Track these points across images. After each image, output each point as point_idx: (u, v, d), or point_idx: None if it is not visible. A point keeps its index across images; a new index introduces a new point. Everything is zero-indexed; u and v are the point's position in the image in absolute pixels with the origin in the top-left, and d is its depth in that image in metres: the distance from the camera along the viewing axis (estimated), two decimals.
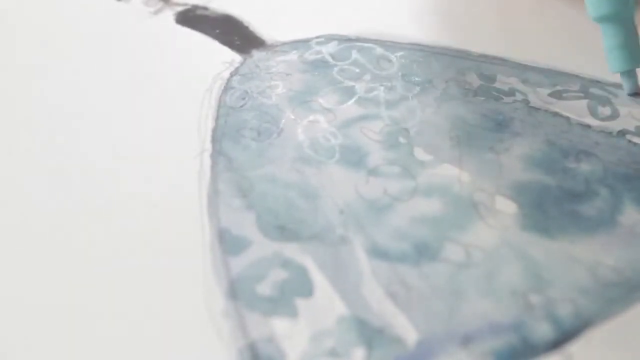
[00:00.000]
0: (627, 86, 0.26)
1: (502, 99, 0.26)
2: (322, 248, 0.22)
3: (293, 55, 0.28)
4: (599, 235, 0.21)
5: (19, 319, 0.20)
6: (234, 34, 0.29)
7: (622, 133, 0.25)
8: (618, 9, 0.25)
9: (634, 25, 0.26)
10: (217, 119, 0.26)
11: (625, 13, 0.25)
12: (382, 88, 0.26)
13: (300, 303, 0.20)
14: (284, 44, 0.28)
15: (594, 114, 0.25)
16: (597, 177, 0.23)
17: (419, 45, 0.28)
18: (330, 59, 0.28)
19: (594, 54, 0.27)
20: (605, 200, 0.23)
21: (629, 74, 0.26)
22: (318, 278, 0.21)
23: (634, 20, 0.26)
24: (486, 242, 0.22)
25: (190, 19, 0.30)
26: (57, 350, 0.20)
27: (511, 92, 0.26)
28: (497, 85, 0.27)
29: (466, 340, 0.19)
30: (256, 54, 0.28)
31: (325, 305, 0.20)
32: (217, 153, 0.24)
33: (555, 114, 0.25)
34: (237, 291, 0.21)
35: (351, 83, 0.27)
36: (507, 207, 0.22)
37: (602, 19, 0.25)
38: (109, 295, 0.21)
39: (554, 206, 0.22)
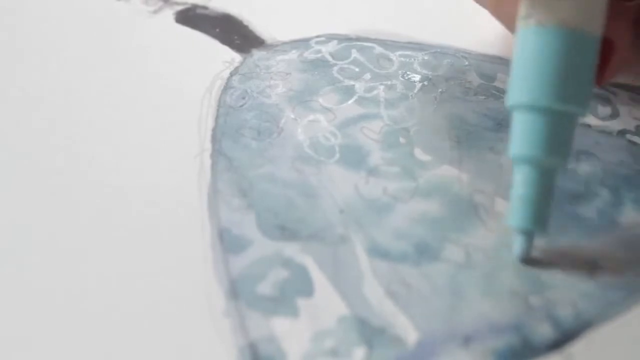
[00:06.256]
0: (519, 249, 0.21)
1: (502, 97, 0.26)
2: (322, 247, 0.22)
3: (293, 55, 0.28)
4: (599, 236, 0.21)
5: (19, 318, 0.20)
6: (233, 33, 0.29)
7: (622, 133, 0.25)
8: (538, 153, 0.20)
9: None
10: (217, 118, 0.26)
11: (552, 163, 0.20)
12: (382, 87, 0.26)
13: (301, 302, 0.20)
14: (284, 43, 0.28)
15: (594, 113, 0.25)
16: (597, 177, 0.23)
17: (418, 44, 0.28)
18: (330, 58, 0.28)
19: None
20: (605, 201, 0.23)
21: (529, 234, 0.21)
22: (318, 277, 0.21)
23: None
24: (486, 244, 0.22)
25: (190, 18, 0.30)
26: (56, 350, 0.20)
27: None
28: (497, 84, 0.27)
29: (466, 340, 0.19)
30: (256, 54, 0.28)
31: (326, 304, 0.20)
32: (217, 153, 0.24)
33: None
34: (237, 291, 0.21)
35: (351, 82, 0.27)
36: (506, 208, 0.22)
37: (518, 160, 0.21)
38: (109, 294, 0.21)
39: (553, 207, 0.22)
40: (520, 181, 0.20)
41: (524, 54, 0.20)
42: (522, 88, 0.20)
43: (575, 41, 0.20)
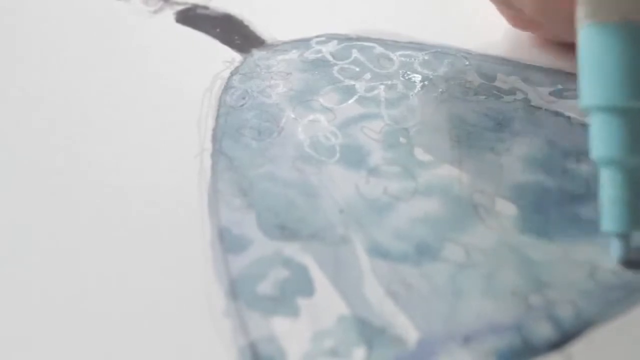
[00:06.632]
0: (618, 253, 0.21)
1: (503, 97, 0.26)
2: (322, 247, 0.22)
3: (293, 55, 0.28)
4: (599, 237, 0.21)
5: (19, 318, 0.20)
6: (234, 33, 0.29)
7: None
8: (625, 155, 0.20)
9: None
10: (217, 118, 0.26)
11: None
12: (382, 87, 0.26)
13: (301, 302, 0.20)
14: (284, 43, 0.28)
15: None
16: (597, 178, 0.23)
17: (419, 44, 0.28)
18: (330, 58, 0.28)
19: None
20: None
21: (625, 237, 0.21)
22: (319, 277, 0.21)
23: None
24: (486, 244, 0.22)
25: (190, 18, 0.30)
26: (56, 350, 0.20)
27: (512, 91, 0.26)
28: (497, 84, 0.27)
29: (467, 340, 0.19)
30: (256, 53, 0.28)
31: (326, 304, 0.20)
32: (218, 152, 0.24)
33: (556, 113, 0.25)
34: (237, 290, 0.21)
35: (351, 82, 0.27)
36: (506, 208, 0.22)
37: (607, 162, 0.20)
38: (109, 294, 0.21)
39: (554, 208, 0.22)
40: (608, 183, 0.20)
41: (590, 54, 0.20)
42: (595, 89, 0.20)
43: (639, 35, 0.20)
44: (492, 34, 0.28)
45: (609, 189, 0.20)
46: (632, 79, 0.20)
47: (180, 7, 0.30)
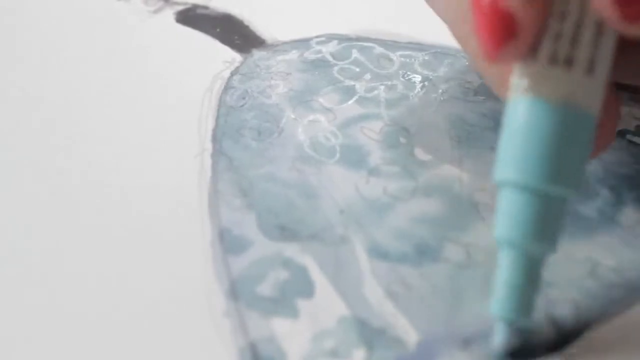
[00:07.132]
0: (500, 339, 0.19)
1: None
2: (322, 248, 0.22)
3: (293, 55, 0.28)
4: (600, 235, 0.21)
5: (19, 318, 0.20)
6: (234, 33, 0.29)
7: (622, 133, 0.25)
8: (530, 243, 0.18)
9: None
10: (217, 118, 0.26)
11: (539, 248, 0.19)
12: (382, 87, 0.26)
13: (301, 303, 0.20)
14: (284, 43, 0.28)
15: None
16: (597, 177, 0.23)
17: (419, 44, 0.28)
18: (330, 58, 0.28)
19: None
20: (605, 200, 0.23)
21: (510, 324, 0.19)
22: (319, 278, 0.21)
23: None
24: (486, 243, 0.22)
25: (190, 18, 0.30)
26: (56, 350, 0.20)
27: None
28: None
29: (467, 341, 0.19)
30: (256, 53, 0.28)
31: (326, 305, 0.20)
32: (218, 153, 0.24)
33: None
34: (237, 291, 0.21)
35: (351, 82, 0.27)
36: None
37: (509, 244, 0.19)
38: (109, 294, 0.21)
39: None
40: (506, 266, 0.19)
41: (518, 126, 0.18)
42: (514, 164, 0.18)
43: (576, 119, 0.18)
44: None
45: (506, 271, 0.19)
46: (554, 163, 0.18)
47: (180, 7, 0.30)
